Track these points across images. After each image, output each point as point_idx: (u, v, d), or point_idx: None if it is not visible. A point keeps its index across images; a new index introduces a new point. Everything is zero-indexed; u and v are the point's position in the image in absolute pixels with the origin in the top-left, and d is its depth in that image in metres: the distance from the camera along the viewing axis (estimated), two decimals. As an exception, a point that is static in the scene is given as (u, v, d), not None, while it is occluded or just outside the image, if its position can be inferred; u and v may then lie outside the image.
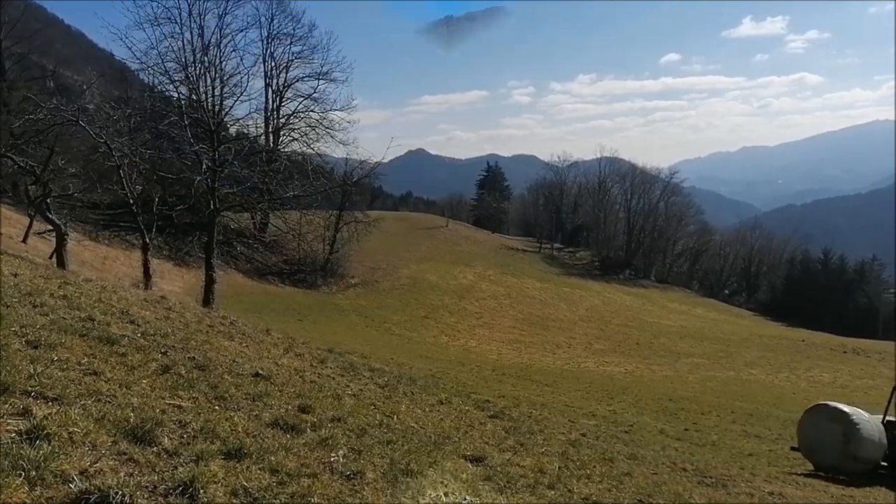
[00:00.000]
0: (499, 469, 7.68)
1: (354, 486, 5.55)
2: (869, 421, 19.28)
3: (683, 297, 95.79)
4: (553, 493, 7.33)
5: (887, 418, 20.52)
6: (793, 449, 20.88)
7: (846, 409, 19.41)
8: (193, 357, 9.28)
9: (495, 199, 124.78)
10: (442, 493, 5.82)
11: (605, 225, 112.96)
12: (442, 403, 13.71)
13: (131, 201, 27.82)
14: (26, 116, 26.58)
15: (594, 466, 10.39)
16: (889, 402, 21.10)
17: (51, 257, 26.60)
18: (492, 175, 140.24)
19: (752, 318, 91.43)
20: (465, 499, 5.83)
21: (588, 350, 53.40)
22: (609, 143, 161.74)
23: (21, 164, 25.74)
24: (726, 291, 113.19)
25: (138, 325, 10.57)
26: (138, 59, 60.95)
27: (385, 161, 43.55)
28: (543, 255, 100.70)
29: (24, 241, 33.50)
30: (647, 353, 53.93)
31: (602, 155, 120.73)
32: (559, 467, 9.16)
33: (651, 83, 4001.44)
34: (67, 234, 26.10)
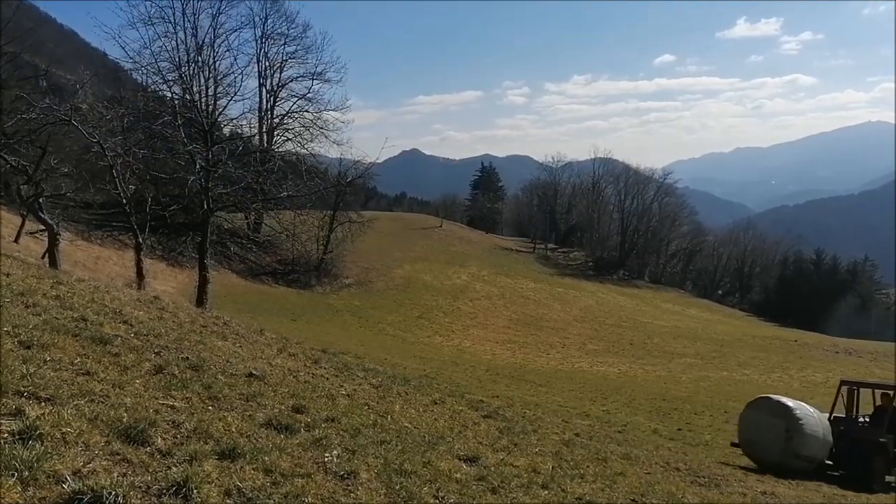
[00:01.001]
0: (493, 469, 7.68)
1: (348, 486, 5.56)
2: (814, 416, 18.36)
3: (677, 297, 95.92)
4: (547, 492, 7.34)
5: (835, 415, 19.86)
6: (733, 445, 20.04)
7: (789, 402, 18.50)
8: (187, 357, 9.26)
9: (489, 200, 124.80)
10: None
11: (599, 225, 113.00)
12: (436, 403, 13.71)
13: (124, 201, 27.76)
14: (18, 116, 26.48)
15: (588, 466, 10.40)
16: (836, 398, 20.44)
17: (43, 257, 26.53)
18: (486, 175, 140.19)
19: (745, 318, 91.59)
20: None
21: (582, 350, 53.49)
22: (603, 144, 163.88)
23: (13, 163, 25.69)
24: (720, 292, 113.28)
25: (131, 325, 10.52)
26: (131, 58, 60.89)
27: (379, 161, 43.73)
28: (537, 255, 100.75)
29: (15, 240, 33.42)
30: (640, 353, 54.04)
31: (596, 156, 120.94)
32: (553, 467, 9.17)
33: (645, 84, 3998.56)
34: (60, 234, 26.06)
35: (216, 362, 9.63)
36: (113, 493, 4.03)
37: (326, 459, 6.02)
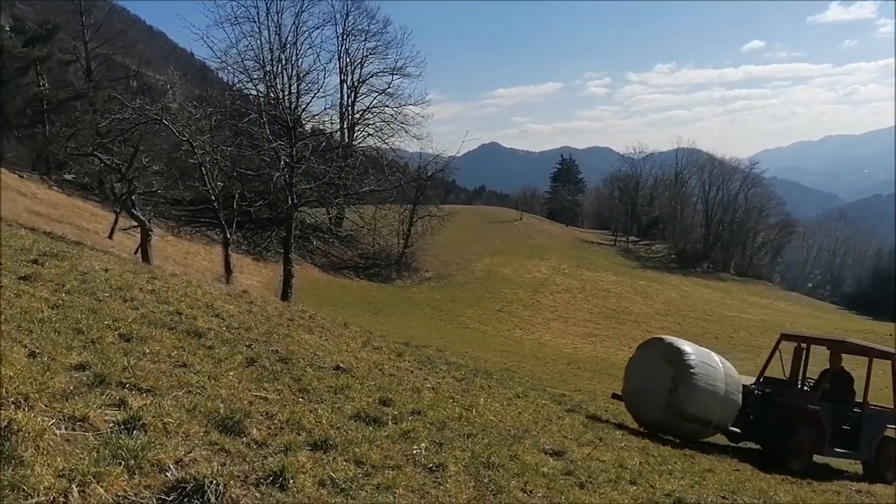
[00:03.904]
0: (579, 463, 7.66)
1: (437, 478, 5.61)
2: (717, 368, 14.35)
3: (764, 290, 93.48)
4: (635, 488, 7.28)
5: (766, 376, 16.82)
6: (614, 396, 16.92)
7: (686, 346, 14.52)
8: (276, 350, 9.46)
9: (569, 192, 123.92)
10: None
11: (682, 217, 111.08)
12: (518, 397, 13.72)
13: (213, 198, 28.52)
14: (113, 116, 27.36)
15: (675, 462, 10.29)
16: (770, 356, 17.50)
17: (136, 252, 27.46)
18: (566, 168, 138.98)
19: (836, 311, 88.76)
20: None
21: (665, 344, 52.57)
22: (686, 134, 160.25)
23: (107, 161, 26.57)
24: (809, 284, 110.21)
25: (223, 318, 10.81)
26: (218, 57, 62.16)
27: (459, 155, 43.75)
28: (618, 248, 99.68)
29: (109, 236, 34.66)
30: (726, 347, 52.74)
31: (679, 146, 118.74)
32: (640, 462, 9.09)
33: (732, 71, 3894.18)
34: (151, 230, 26.87)
35: (304, 355, 9.81)
36: (214, 482, 4.13)
37: (415, 452, 6.08)
